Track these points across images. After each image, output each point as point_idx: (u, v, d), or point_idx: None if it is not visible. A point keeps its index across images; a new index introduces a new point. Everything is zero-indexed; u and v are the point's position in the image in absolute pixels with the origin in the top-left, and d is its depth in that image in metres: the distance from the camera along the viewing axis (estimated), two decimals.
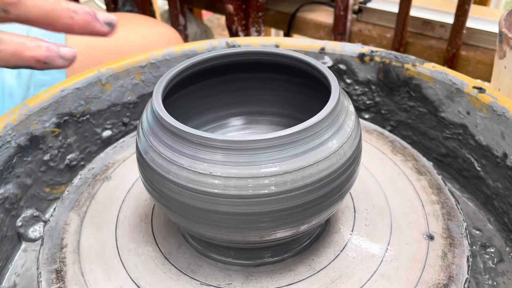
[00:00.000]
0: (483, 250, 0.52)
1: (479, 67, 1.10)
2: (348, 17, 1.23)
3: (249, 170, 0.32)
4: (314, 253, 0.42)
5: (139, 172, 0.38)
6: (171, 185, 0.34)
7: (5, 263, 0.51)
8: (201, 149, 0.32)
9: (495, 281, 0.48)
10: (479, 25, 1.12)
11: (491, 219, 0.56)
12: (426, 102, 0.62)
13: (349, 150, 0.35)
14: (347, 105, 0.37)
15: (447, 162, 0.63)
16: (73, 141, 0.61)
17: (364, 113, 0.70)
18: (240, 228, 0.34)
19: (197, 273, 0.40)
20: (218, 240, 0.37)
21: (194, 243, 0.43)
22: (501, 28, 0.64)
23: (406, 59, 0.63)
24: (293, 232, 0.36)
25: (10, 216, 0.52)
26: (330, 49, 0.66)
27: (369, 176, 0.50)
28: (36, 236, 0.54)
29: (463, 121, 0.58)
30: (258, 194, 0.32)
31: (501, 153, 0.52)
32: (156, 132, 0.35)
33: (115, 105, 0.65)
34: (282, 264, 0.41)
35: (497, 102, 0.52)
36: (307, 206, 0.34)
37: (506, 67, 0.64)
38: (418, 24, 1.20)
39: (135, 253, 0.43)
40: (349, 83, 0.68)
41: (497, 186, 0.54)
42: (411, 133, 0.66)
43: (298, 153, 0.32)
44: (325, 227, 0.44)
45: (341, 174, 0.35)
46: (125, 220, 0.46)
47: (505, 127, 0.51)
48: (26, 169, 0.55)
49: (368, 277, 0.39)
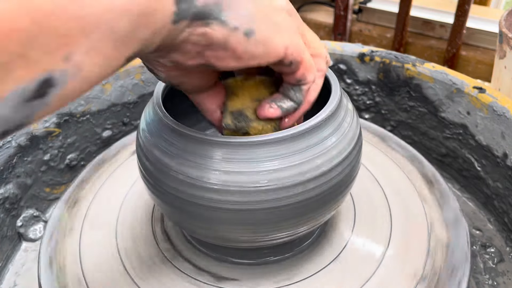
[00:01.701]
0: (483, 250, 0.52)
1: (479, 67, 1.11)
2: (348, 17, 1.23)
3: (249, 171, 0.32)
4: (314, 253, 0.42)
5: (139, 171, 0.38)
6: (171, 185, 0.34)
7: (5, 263, 0.51)
8: (201, 149, 0.32)
9: (495, 281, 0.48)
10: (479, 25, 1.12)
11: (491, 219, 0.56)
12: (426, 102, 0.62)
13: (349, 150, 0.35)
14: (347, 105, 0.37)
15: (447, 162, 0.63)
16: (73, 141, 0.61)
17: (364, 113, 0.69)
18: (240, 227, 0.34)
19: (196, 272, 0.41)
20: (217, 240, 0.37)
21: (194, 242, 0.43)
22: (501, 28, 0.64)
23: (406, 59, 0.62)
24: (293, 232, 0.36)
25: (10, 216, 0.52)
26: (330, 49, 0.66)
27: (369, 176, 0.50)
28: (36, 236, 0.54)
29: (463, 121, 0.58)
30: (258, 193, 0.32)
31: (501, 153, 0.52)
32: (156, 132, 0.35)
33: (115, 105, 0.65)
34: (282, 264, 0.41)
35: (497, 102, 0.52)
36: (308, 206, 0.34)
37: (506, 67, 0.64)
38: (418, 24, 1.20)
39: (134, 250, 0.43)
40: (349, 83, 0.68)
41: (497, 186, 0.54)
42: (411, 133, 0.66)
43: (299, 154, 0.32)
44: (325, 227, 0.44)
45: (341, 174, 0.35)
46: (125, 220, 0.46)
47: (505, 127, 0.51)
48: (26, 169, 0.55)
49: (368, 276, 0.39)
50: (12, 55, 0.17)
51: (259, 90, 0.34)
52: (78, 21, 0.19)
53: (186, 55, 0.26)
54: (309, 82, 0.32)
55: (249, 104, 0.34)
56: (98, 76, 0.21)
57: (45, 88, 0.19)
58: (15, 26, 0.17)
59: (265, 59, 0.28)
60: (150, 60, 0.29)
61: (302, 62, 0.30)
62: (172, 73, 0.30)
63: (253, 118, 0.33)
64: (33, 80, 0.18)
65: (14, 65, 0.17)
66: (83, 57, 0.19)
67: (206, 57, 0.27)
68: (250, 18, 0.26)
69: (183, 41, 0.25)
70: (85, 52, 0.20)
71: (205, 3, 0.24)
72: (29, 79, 0.18)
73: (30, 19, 0.17)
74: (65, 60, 0.19)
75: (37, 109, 0.19)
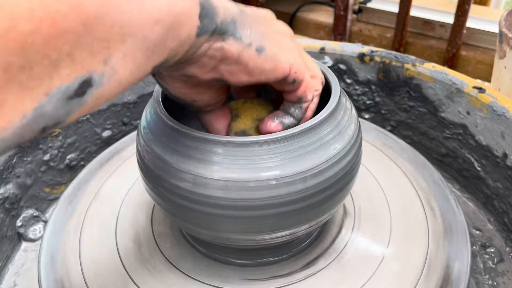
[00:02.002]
0: (483, 250, 0.52)
1: (479, 67, 1.11)
2: (348, 17, 1.23)
3: (249, 171, 0.32)
4: (314, 253, 0.42)
5: (139, 171, 0.38)
6: (172, 183, 0.34)
7: (5, 263, 0.51)
8: (202, 149, 0.32)
9: (495, 281, 0.48)
10: (479, 25, 1.12)
11: (491, 219, 0.56)
12: (426, 102, 0.62)
13: (349, 150, 0.35)
14: (347, 105, 0.37)
15: (447, 162, 0.63)
16: (73, 141, 0.61)
17: (364, 113, 0.70)
18: (240, 228, 0.34)
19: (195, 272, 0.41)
20: (217, 239, 0.37)
21: (196, 244, 0.43)
22: (501, 28, 0.64)
23: (406, 59, 0.63)
24: (293, 231, 0.36)
25: (10, 216, 0.52)
26: (330, 49, 0.66)
27: (368, 176, 0.50)
28: (36, 236, 0.54)
29: (463, 121, 0.58)
30: (258, 192, 0.32)
31: (501, 153, 0.52)
32: (157, 131, 0.35)
33: (115, 105, 0.65)
34: (282, 264, 0.41)
35: (497, 102, 0.52)
36: (308, 206, 0.34)
37: (506, 67, 0.64)
38: (418, 24, 1.20)
39: (133, 251, 0.43)
40: (349, 83, 0.68)
41: (497, 186, 0.54)
42: (411, 133, 0.66)
43: (299, 154, 0.32)
44: (325, 227, 0.44)
45: (341, 173, 0.35)
46: (125, 220, 0.46)
47: (505, 127, 0.51)
48: (26, 169, 0.55)
49: (368, 276, 0.39)
50: (62, 54, 0.18)
51: (258, 110, 0.37)
52: (119, 28, 0.20)
53: (202, 68, 0.28)
54: (309, 100, 0.34)
55: (251, 124, 0.36)
56: (129, 81, 0.22)
57: (85, 88, 0.20)
58: (67, 25, 0.18)
59: (273, 75, 0.30)
60: (165, 78, 0.31)
61: (303, 81, 0.33)
62: (185, 89, 0.32)
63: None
64: (76, 79, 0.19)
65: (62, 63, 0.18)
66: (119, 61, 0.21)
67: (220, 71, 0.29)
68: (260, 36, 0.29)
69: (201, 55, 0.27)
70: (121, 57, 0.21)
71: (223, 20, 0.27)
72: (73, 78, 0.19)
73: (80, 21, 0.18)
74: (104, 63, 0.20)
75: (76, 108, 0.20)
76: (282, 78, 0.31)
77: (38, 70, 0.18)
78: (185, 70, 0.29)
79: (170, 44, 0.24)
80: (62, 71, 0.19)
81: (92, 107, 0.21)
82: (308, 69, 0.34)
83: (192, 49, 0.26)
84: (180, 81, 0.31)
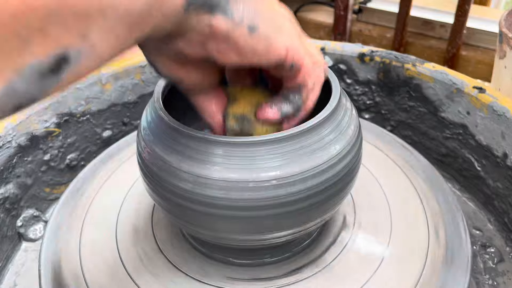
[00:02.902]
0: (483, 250, 0.52)
1: (479, 67, 1.11)
2: (348, 17, 1.23)
3: (250, 171, 0.32)
4: (314, 253, 0.42)
5: (140, 171, 0.38)
6: (172, 183, 0.34)
7: (5, 263, 0.51)
8: (202, 149, 0.32)
9: (495, 281, 0.48)
10: (479, 25, 1.12)
11: (491, 219, 0.56)
12: (426, 102, 0.62)
13: (349, 150, 0.35)
14: (347, 105, 0.37)
15: (447, 162, 0.63)
16: (73, 141, 0.61)
17: (364, 113, 0.69)
18: (240, 228, 0.34)
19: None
20: (218, 239, 0.37)
21: (198, 245, 0.43)
22: (501, 28, 0.64)
23: (406, 59, 0.62)
24: (293, 231, 0.36)
25: (10, 216, 0.52)
26: (330, 49, 0.66)
27: (368, 175, 0.50)
28: (36, 236, 0.54)
29: (463, 121, 0.58)
30: (258, 192, 0.32)
31: (501, 153, 0.52)
32: (157, 131, 0.35)
33: (115, 105, 0.65)
34: (282, 264, 0.41)
35: (497, 102, 0.52)
36: (308, 206, 0.34)
37: (506, 67, 0.64)
38: (418, 24, 1.20)
39: (133, 251, 0.43)
40: (349, 83, 0.68)
41: (497, 186, 0.54)
42: (411, 133, 0.66)
43: (299, 154, 0.32)
44: (324, 227, 0.44)
45: (341, 173, 0.35)
46: (126, 220, 0.46)
47: (505, 127, 0.51)
48: (27, 169, 0.55)
49: (368, 276, 0.39)
50: (32, 29, 0.17)
51: (257, 96, 0.35)
52: (98, 1, 0.19)
53: (189, 44, 0.27)
54: (309, 88, 0.33)
55: (250, 109, 0.35)
56: (109, 56, 0.22)
57: (60, 64, 0.19)
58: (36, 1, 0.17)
59: (266, 57, 0.29)
60: (152, 51, 0.29)
61: (302, 66, 0.31)
62: (173, 66, 0.30)
63: (255, 121, 0.35)
64: (50, 55, 0.19)
65: (33, 40, 0.18)
66: (98, 36, 0.20)
67: (208, 48, 0.27)
68: (254, 15, 0.27)
69: (189, 29, 0.26)
70: (101, 32, 0.20)
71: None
72: (46, 54, 0.18)
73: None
74: (82, 38, 0.19)
75: (51, 85, 0.20)
76: (278, 63, 0.29)
77: (6, 48, 0.17)
78: (172, 44, 0.27)
79: (155, 17, 0.22)
80: (34, 48, 0.18)
81: (70, 83, 0.21)
82: (309, 55, 0.32)
83: (179, 23, 0.25)
84: (167, 57, 0.29)
